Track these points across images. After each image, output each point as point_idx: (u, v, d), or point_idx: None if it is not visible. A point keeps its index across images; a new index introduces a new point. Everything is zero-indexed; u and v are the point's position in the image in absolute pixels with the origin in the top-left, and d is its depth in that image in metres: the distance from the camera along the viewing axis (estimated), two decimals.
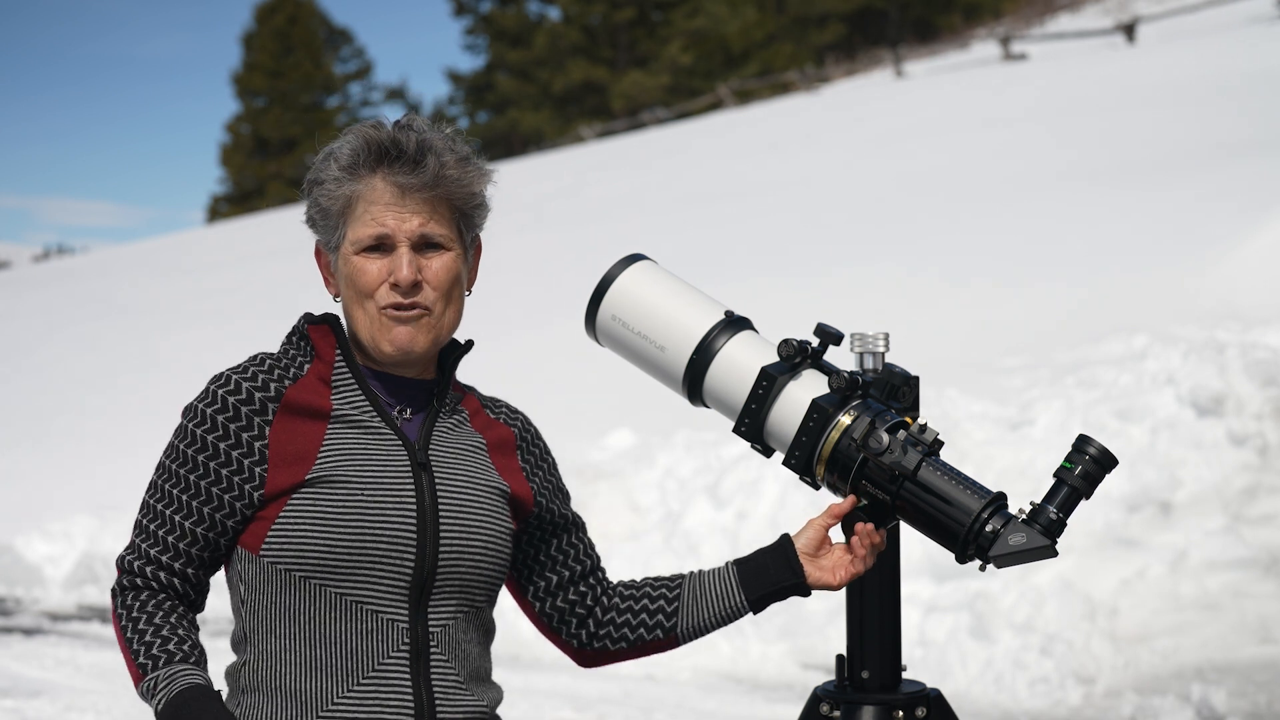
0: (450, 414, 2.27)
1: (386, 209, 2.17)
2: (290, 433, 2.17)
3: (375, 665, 2.14)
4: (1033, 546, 2.20)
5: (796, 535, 2.37)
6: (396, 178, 2.17)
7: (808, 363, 2.32)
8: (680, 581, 2.39)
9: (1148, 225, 12.25)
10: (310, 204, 2.24)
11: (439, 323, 2.21)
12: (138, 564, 2.18)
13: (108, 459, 12.54)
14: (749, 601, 2.34)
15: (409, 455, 2.18)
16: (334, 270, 2.25)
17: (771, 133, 25.60)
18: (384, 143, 2.18)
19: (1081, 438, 2.25)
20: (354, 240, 2.19)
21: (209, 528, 2.17)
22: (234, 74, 54.80)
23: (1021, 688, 6.48)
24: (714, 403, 2.38)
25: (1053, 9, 38.61)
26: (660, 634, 2.38)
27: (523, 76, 49.28)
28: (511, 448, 2.32)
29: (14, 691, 6.91)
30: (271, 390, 2.18)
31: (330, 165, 2.21)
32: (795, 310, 9.48)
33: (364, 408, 2.20)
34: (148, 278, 25.52)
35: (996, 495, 2.24)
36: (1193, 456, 7.66)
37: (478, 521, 2.20)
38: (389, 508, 2.14)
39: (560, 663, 7.42)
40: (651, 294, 2.38)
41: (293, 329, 2.28)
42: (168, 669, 2.11)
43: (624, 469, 8.89)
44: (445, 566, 2.16)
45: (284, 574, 2.14)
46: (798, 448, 2.29)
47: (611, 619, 2.39)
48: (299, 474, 2.14)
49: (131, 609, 2.17)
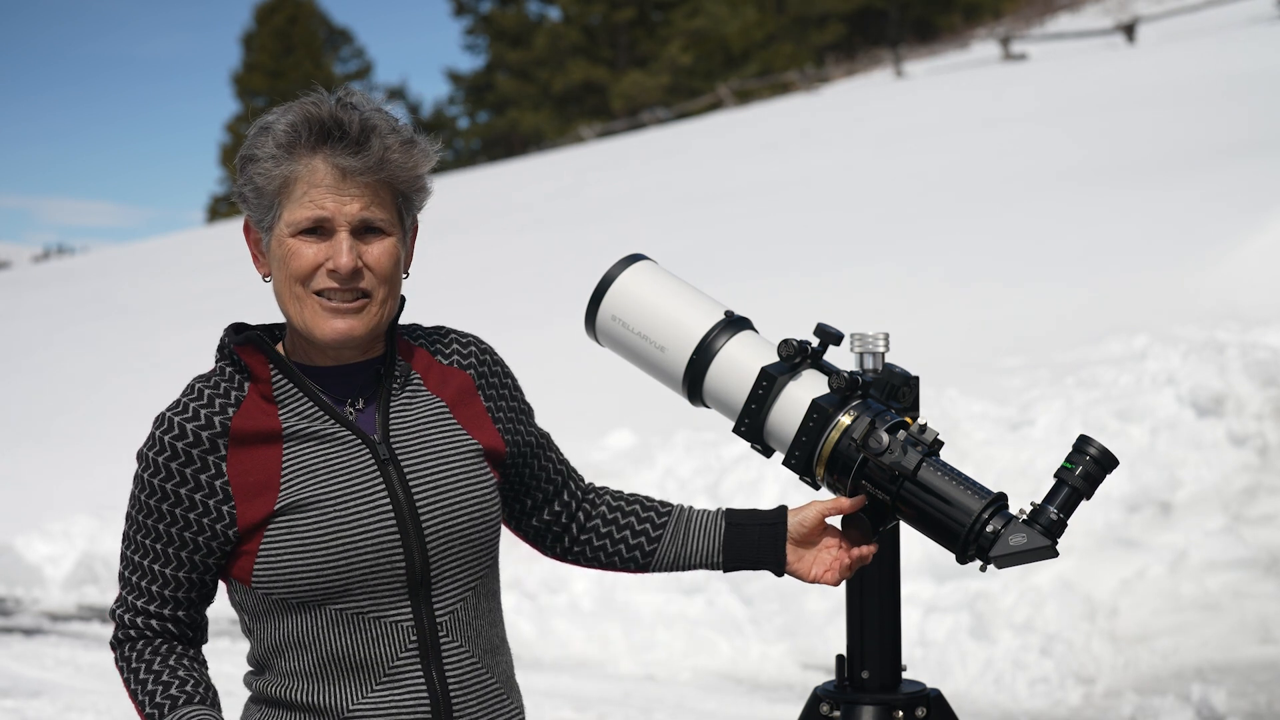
0: (402, 389, 2.18)
1: (326, 192, 2.07)
2: (247, 463, 2.09)
3: (388, 668, 2.11)
4: (1033, 547, 2.20)
5: (794, 512, 2.36)
6: (338, 159, 2.07)
7: (807, 363, 2.32)
8: (668, 514, 2.39)
9: (1148, 225, 12.25)
10: (244, 180, 2.12)
11: (380, 309, 2.12)
12: (128, 616, 2.15)
13: (108, 459, 12.52)
14: (724, 563, 2.36)
15: (372, 454, 2.12)
16: (265, 250, 2.14)
17: (771, 133, 25.59)
18: (325, 121, 2.08)
19: (1082, 438, 2.24)
20: (290, 222, 2.08)
21: (189, 570, 2.12)
22: (234, 74, 54.86)
23: (1021, 688, 6.47)
24: (713, 403, 2.38)
25: (1053, 9, 38.60)
26: (635, 564, 2.38)
27: (523, 76, 49.29)
28: (472, 392, 2.24)
29: (14, 691, 6.91)
30: (217, 424, 2.09)
31: (266, 141, 2.09)
32: (795, 310, 9.48)
33: (314, 416, 2.12)
34: (148, 278, 25.53)
35: (997, 496, 2.24)
36: (1193, 456, 7.66)
37: (459, 497, 2.15)
38: (366, 517, 2.09)
39: (560, 663, 7.42)
40: (651, 294, 2.38)
41: (220, 344, 2.17)
42: (174, 714, 2.08)
43: (624, 469, 8.89)
44: (436, 556, 2.12)
45: (280, 602, 2.10)
46: (797, 448, 2.29)
47: (590, 537, 2.39)
48: (267, 505, 2.07)
49: (130, 660, 2.14)
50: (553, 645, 7.63)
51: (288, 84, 53.38)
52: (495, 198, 26.03)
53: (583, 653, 7.53)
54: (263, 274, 2.17)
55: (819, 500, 2.34)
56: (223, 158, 55.47)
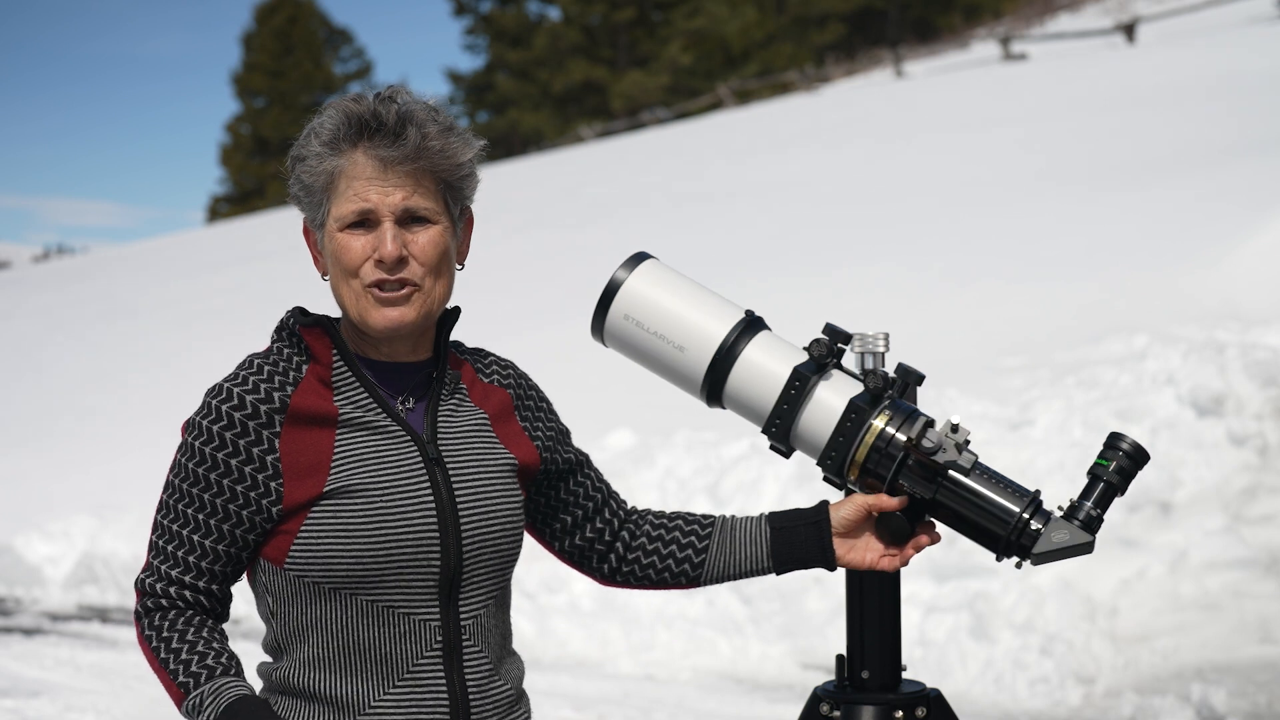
0: (450, 395, 2.22)
1: (369, 184, 2.11)
2: (300, 443, 2.12)
3: (410, 666, 2.12)
4: (1075, 543, 2.25)
5: (836, 506, 2.36)
6: (378, 151, 2.11)
7: (834, 363, 2.33)
8: (711, 525, 2.40)
9: (1148, 225, 12.24)
10: (293, 181, 2.18)
11: (429, 298, 2.15)
12: (159, 585, 2.14)
13: (108, 459, 12.54)
14: (775, 565, 2.37)
15: (420, 451, 2.15)
16: (321, 248, 2.19)
17: (771, 133, 25.59)
18: (364, 116, 2.12)
19: (1114, 435, 2.30)
20: (338, 217, 2.13)
21: (229, 544, 2.13)
22: (234, 74, 54.85)
23: (1021, 688, 6.47)
24: (734, 405, 2.36)
25: (1053, 9, 38.60)
26: (685, 578, 2.40)
27: (523, 76, 49.28)
28: (510, 411, 2.28)
29: (14, 691, 6.91)
30: (275, 400, 2.12)
31: (311, 141, 2.15)
32: (795, 310, 9.47)
33: (368, 406, 2.16)
34: (148, 278, 25.52)
35: (1035, 494, 2.28)
36: (1193, 456, 7.66)
37: (494, 506, 2.18)
38: (410, 510, 2.11)
39: (560, 663, 7.42)
40: (667, 293, 2.35)
41: (281, 324, 2.21)
42: (211, 684, 2.08)
43: (624, 469, 8.89)
44: (470, 559, 2.15)
45: (312, 586, 2.11)
46: (834, 448, 2.29)
47: (638, 556, 2.40)
48: (316, 486, 2.10)
49: (161, 629, 2.13)
50: (552, 645, 7.64)
51: (288, 84, 53.38)
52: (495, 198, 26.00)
53: (582, 652, 7.53)
54: (321, 272, 2.21)
55: (858, 495, 2.34)
56: (223, 158, 55.46)
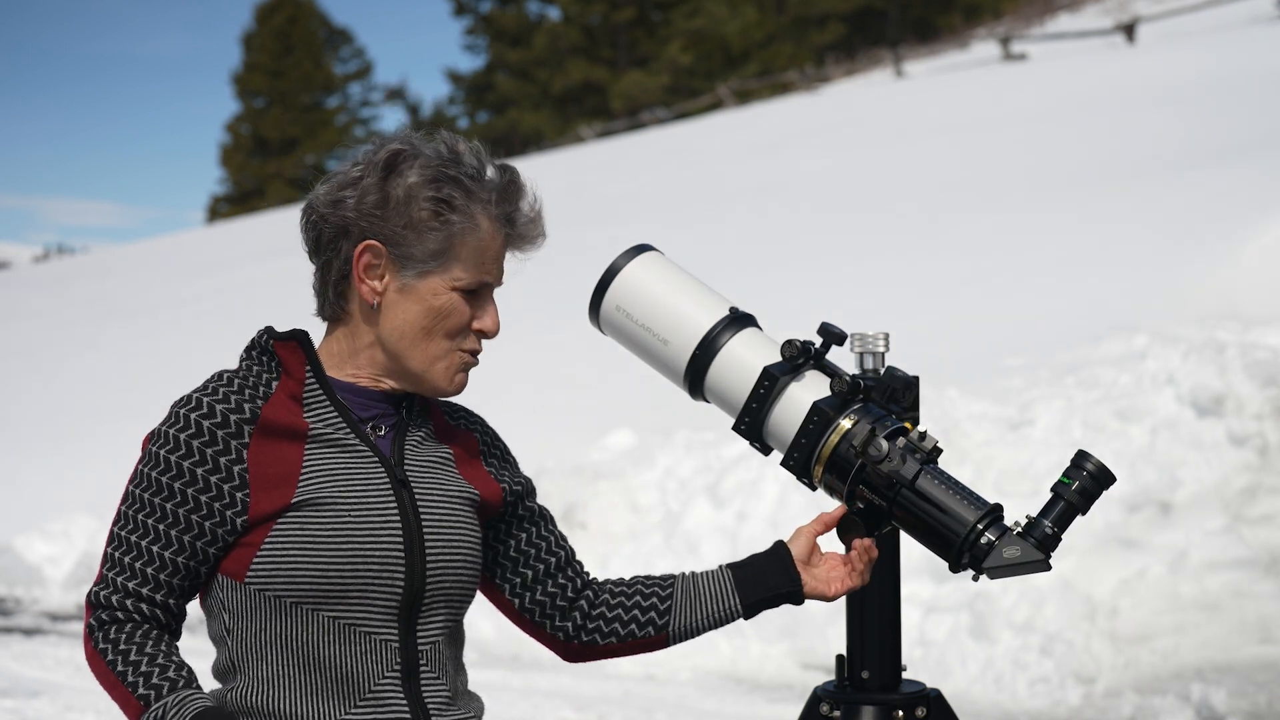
0: (420, 426, 2.23)
1: (495, 261, 2.19)
2: (269, 454, 2.09)
3: (371, 687, 2.10)
4: (1027, 560, 2.21)
5: (789, 541, 2.36)
6: (518, 235, 2.21)
7: (810, 364, 2.31)
8: (672, 581, 2.37)
9: (1148, 225, 12.25)
10: (400, 218, 2.12)
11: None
12: (115, 598, 2.09)
13: (108, 459, 12.50)
14: (743, 606, 2.33)
15: (388, 472, 2.14)
16: (399, 281, 2.15)
17: (771, 133, 25.59)
18: (517, 199, 2.20)
19: (1080, 453, 2.27)
20: (456, 278, 2.15)
21: (189, 556, 2.08)
22: (234, 74, 54.81)
23: (1021, 688, 6.48)
24: (714, 399, 2.37)
25: (1053, 9, 38.60)
26: (652, 631, 2.34)
27: (523, 76, 49.27)
28: (476, 454, 2.29)
29: (14, 691, 6.91)
30: (246, 411, 2.11)
31: (478, 187, 2.16)
32: (794, 310, 9.47)
33: (338, 425, 2.15)
34: (148, 278, 25.51)
35: (993, 507, 2.24)
36: (1193, 456, 7.66)
37: (457, 534, 2.18)
38: (377, 527, 2.10)
39: (560, 663, 7.41)
40: (656, 286, 2.37)
41: (252, 344, 2.20)
42: (175, 695, 2.04)
43: (624, 469, 8.89)
44: (433, 582, 2.14)
45: (273, 600, 2.08)
46: (796, 449, 2.28)
47: (601, 613, 2.36)
48: (283, 498, 2.07)
49: (117, 642, 2.08)
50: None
51: (288, 84, 53.38)
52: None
53: None
54: (371, 301, 2.16)
55: (803, 525, 2.36)
56: (223, 158, 55.45)
